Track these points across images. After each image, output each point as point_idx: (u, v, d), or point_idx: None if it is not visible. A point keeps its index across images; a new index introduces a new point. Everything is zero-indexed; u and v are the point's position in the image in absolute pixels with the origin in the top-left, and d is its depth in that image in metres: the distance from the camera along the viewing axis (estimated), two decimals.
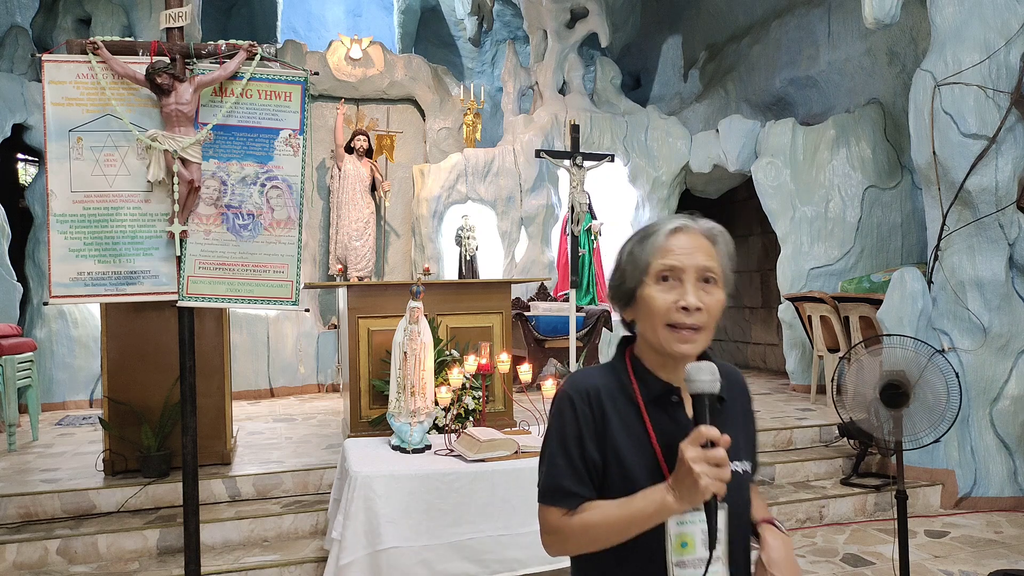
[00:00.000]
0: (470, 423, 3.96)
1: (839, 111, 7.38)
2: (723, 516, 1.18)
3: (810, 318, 6.32)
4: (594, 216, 7.85)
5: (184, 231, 3.15)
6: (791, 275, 6.94)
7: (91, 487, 3.96)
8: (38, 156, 6.98)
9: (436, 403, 3.68)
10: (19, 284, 6.34)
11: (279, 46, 8.53)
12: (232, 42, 3.24)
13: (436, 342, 4.09)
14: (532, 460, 3.26)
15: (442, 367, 4.15)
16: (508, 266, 8.11)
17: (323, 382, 7.64)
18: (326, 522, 3.85)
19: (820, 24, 7.47)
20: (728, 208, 9.07)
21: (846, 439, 5.05)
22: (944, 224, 4.86)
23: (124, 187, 3.14)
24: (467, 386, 4.00)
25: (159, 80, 3.05)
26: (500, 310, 4.70)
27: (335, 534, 3.12)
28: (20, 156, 7.52)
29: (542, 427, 3.59)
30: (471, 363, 3.95)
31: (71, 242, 3.10)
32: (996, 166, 4.60)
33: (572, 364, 5.95)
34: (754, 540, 1.36)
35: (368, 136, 8.04)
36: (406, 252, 8.51)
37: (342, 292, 5.00)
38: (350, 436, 4.17)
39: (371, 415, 4.37)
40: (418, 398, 3.55)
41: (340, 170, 7.89)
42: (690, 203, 8.77)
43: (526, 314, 7.01)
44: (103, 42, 3.10)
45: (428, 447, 3.51)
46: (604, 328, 7.39)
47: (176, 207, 3.12)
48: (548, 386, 3.78)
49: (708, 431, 1.13)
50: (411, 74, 8.50)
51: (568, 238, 6.59)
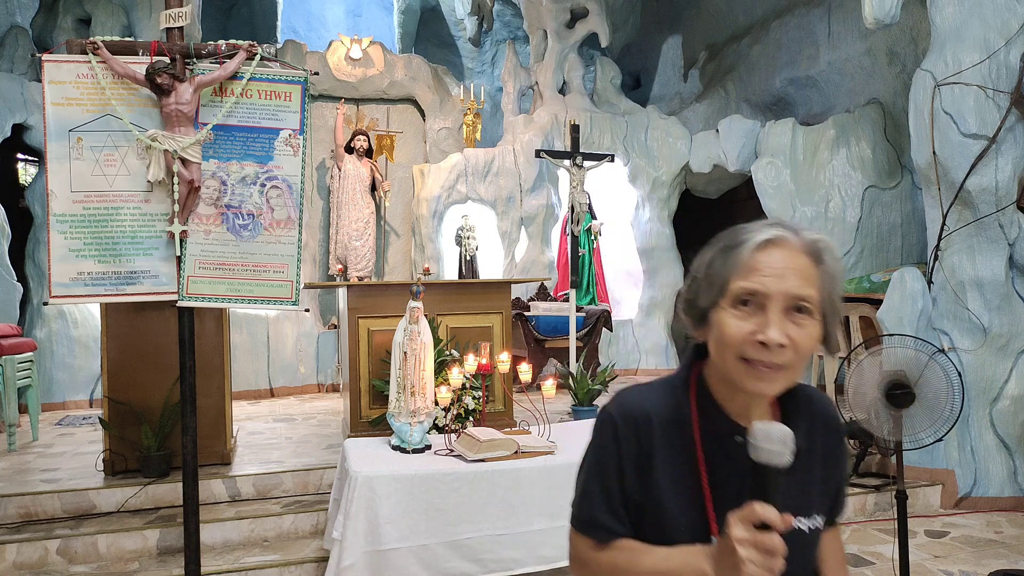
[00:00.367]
0: (470, 423, 3.96)
1: (839, 111, 7.38)
2: None
3: None
4: (594, 216, 7.84)
5: (184, 231, 3.15)
6: None
7: (91, 487, 3.96)
8: (38, 156, 6.98)
9: (436, 403, 3.68)
10: (19, 284, 6.33)
11: (279, 46, 8.53)
12: (232, 42, 3.24)
13: (436, 342, 4.09)
14: (532, 460, 3.26)
15: (442, 367, 4.16)
16: (508, 266, 8.11)
17: (323, 382, 7.64)
18: (326, 522, 3.84)
19: (820, 24, 7.47)
20: (728, 208, 9.06)
21: (846, 439, 5.05)
22: (944, 224, 4.86)
23: (124, 187, 3.14)
24: (467, 386, 4.00)
25: (159, 80, 3.05)
26: (500, 310, 4.70)
27: (335, 534, 3.12)
28: (20, 156, 7.51)
29: (542, 427, 3.60)
30: (471, 363, 3.95)
31: (71, 242, 3.10)
32: (996, 166, 4.60)
33: (572, 364, 5.96)
34: None
35: (368, 136, 8.04)
36: (406, 252, 8.51)
37: (342, 292, 5.00)
38: (350, 436, 4.17)
39: (371, 415, 4.37)
40: (418, 398, 3.55)
41: (340, 170, 7.89)
42: (690, 203, 8.77)
43: (526, 314, 7.01)
44: (103, 42, 3.10)
45: (428, 447, 3.51)
46: (604, 328, 7.39)
47: (176, 207, 3.12)
48: (548, 386, 3.79)
49: (764, 512, 0.94)
50: (411, 74, 8.50)
51: (568, 238, 6.61)
